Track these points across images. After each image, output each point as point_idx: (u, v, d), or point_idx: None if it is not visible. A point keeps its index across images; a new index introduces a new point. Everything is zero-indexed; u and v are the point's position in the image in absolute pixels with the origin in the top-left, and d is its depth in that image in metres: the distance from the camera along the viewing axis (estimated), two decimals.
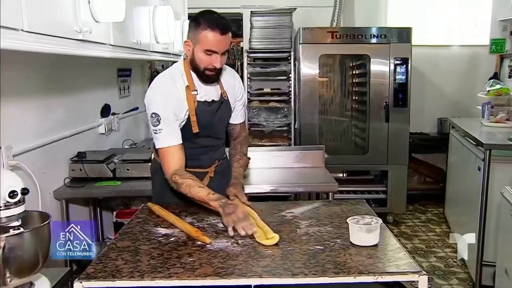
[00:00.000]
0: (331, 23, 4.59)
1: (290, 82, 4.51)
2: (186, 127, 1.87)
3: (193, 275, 1.29)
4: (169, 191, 1.93)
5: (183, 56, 1.92)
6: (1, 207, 1.36)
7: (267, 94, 4.64)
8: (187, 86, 1.85)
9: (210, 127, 1.93)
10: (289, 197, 3.52)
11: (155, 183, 2.08)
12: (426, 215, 4.46)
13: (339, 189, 2.61)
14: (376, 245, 1.47)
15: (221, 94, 1.95)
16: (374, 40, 4.00)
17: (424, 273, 1.28)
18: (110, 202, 3.18)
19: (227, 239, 1.55)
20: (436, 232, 4.00)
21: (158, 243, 1.55)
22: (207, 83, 1.89)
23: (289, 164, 2.96)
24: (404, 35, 3.97)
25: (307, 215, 1.81)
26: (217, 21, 1.77)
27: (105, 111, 3.21)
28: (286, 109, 4.57)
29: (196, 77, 1.87)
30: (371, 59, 4.02)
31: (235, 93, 2.04)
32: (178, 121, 1.84)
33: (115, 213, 3.15)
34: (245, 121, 2.18)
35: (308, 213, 1.84)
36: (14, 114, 2.06)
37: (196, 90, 1.86)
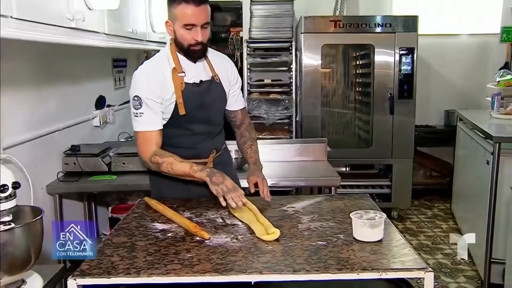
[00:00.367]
0: (334, 12, 4.56)
1: (292, 73, 4.49)
2: (176, 111, 1.88)
3: (191, 272, 1.29)
4: (166, 185, 1.94)
5: (169, 41, 1.94)
6: None
7: (267, 86, 4.62)
8: (173, 68, 1.88)
9: (201, 109, 1.93)
10: (290, 192, 3.52)
11: (152, 177, 2.07)
12: (432, 210, 4.47)
13: (341, 183, 2.60)
14: (380, 240, 1.47)
15: (212, 77, 1.96)
16: (378, 29, 3.98)
17: (430, 269, 1.28)
18: (105, 197, 3.18)
19: (226, 235, 1.55)
20: (442, 228, 4.00)
21: (155, 238, 1.54)
22: (195, 59, 1.91)
23: (290, 158, 2.96)
24: (410, 23, 3.95)
25: (309, 210, 1.80)
26: None
27: (100, 103, 3.19)
28: (287, 101, 4.55)
29: (184, 59, 1.90)
30: (375, 49, 3.99)
31: (229, 77, 2.05)
32: (162, 104, 1.86)
33: (110, 208, 3.14)
34: (246, 107, 2.18)
35: (310, 208, 1.84)
36: (4, 106, 2.05)
37: (184, 72, 1.88)
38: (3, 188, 1.35)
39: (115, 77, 3.58)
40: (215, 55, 2.04)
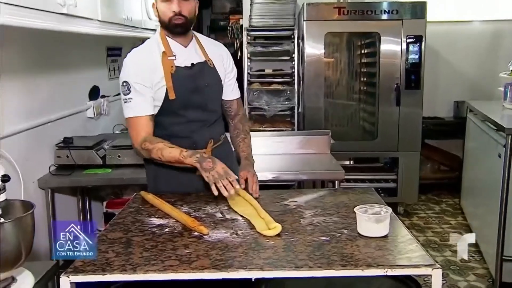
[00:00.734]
0: None
1: (294, 63, 4.47)
2: (167, 96, 1.89)
3: (189, 268, 1.28)
4: (164, 177, 1.94)
5: (160, 27, 1.96)
6: None
7: (268, 76, 4.60)
8: (163, 52, 1.90)
9: (194, 93, 1.94)
10: (293, 185, 3.51)
11: (148, 171, 2.07)
12: (440, 205, 4.46)
13: (346, 177, 2.61)
14: (385, 236, 1.47)
15: (205, 61, 1.97)
16: (384, 16, 3.95)
17: (438, 266, 1.28)
18: (100, 191, 3.19)
19: (226, 230, 1.55)
20: (451, 224, 4.00)
21: (152, 234, 1.54)
22: (180, 34, 1.92)
23: (293, 150, 2.96)
24: (417, 10, 3.92)
25: (312, 204, 1.80)
26: None
27: (94, 93, 3.19)
28: (289, 92, 4.53)
29: (174, 43, 1.92)
30: (381, 37, 3.97)
31: (224, 64, 2.06)
32: (152, 89, 1.87)
33: (105, 203, 3.15)
34: (240, 98, 2.19)
35: (313, 202, 1.84)
36: None
37: (174, 56, 1.90)
38: None
39: (109, 66, 3.58)
40: (210, 42, 2.08)
